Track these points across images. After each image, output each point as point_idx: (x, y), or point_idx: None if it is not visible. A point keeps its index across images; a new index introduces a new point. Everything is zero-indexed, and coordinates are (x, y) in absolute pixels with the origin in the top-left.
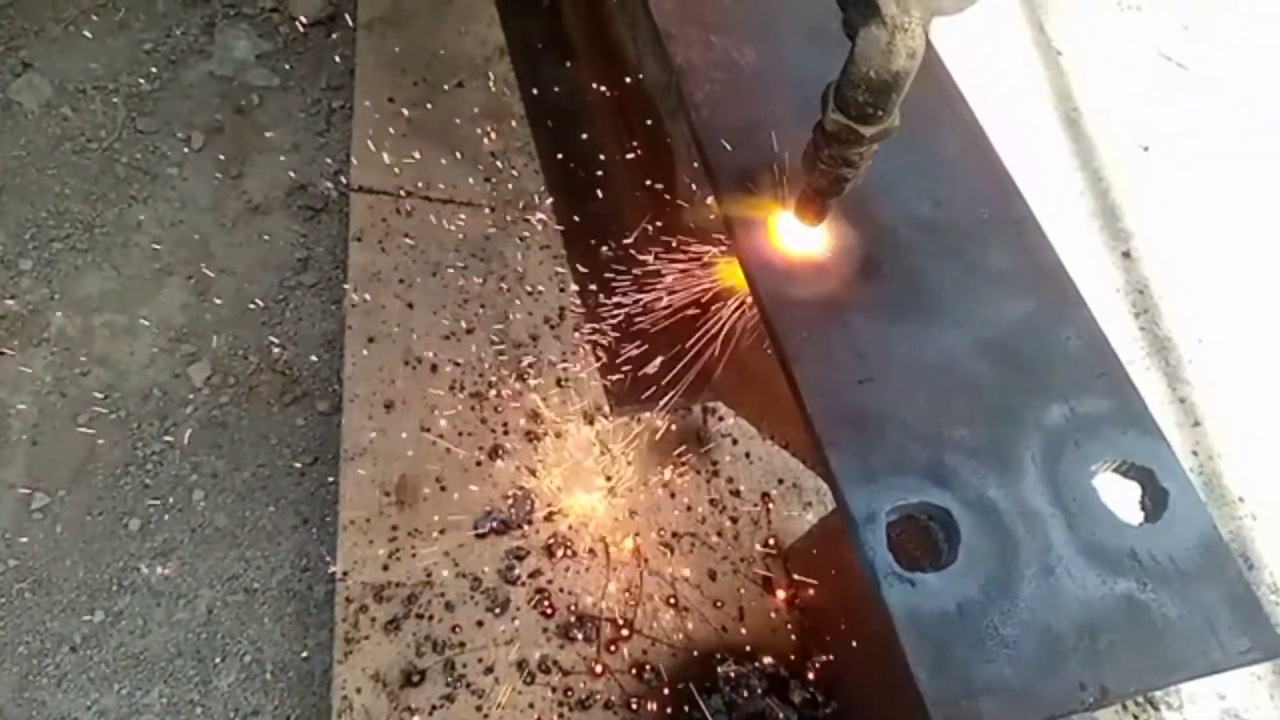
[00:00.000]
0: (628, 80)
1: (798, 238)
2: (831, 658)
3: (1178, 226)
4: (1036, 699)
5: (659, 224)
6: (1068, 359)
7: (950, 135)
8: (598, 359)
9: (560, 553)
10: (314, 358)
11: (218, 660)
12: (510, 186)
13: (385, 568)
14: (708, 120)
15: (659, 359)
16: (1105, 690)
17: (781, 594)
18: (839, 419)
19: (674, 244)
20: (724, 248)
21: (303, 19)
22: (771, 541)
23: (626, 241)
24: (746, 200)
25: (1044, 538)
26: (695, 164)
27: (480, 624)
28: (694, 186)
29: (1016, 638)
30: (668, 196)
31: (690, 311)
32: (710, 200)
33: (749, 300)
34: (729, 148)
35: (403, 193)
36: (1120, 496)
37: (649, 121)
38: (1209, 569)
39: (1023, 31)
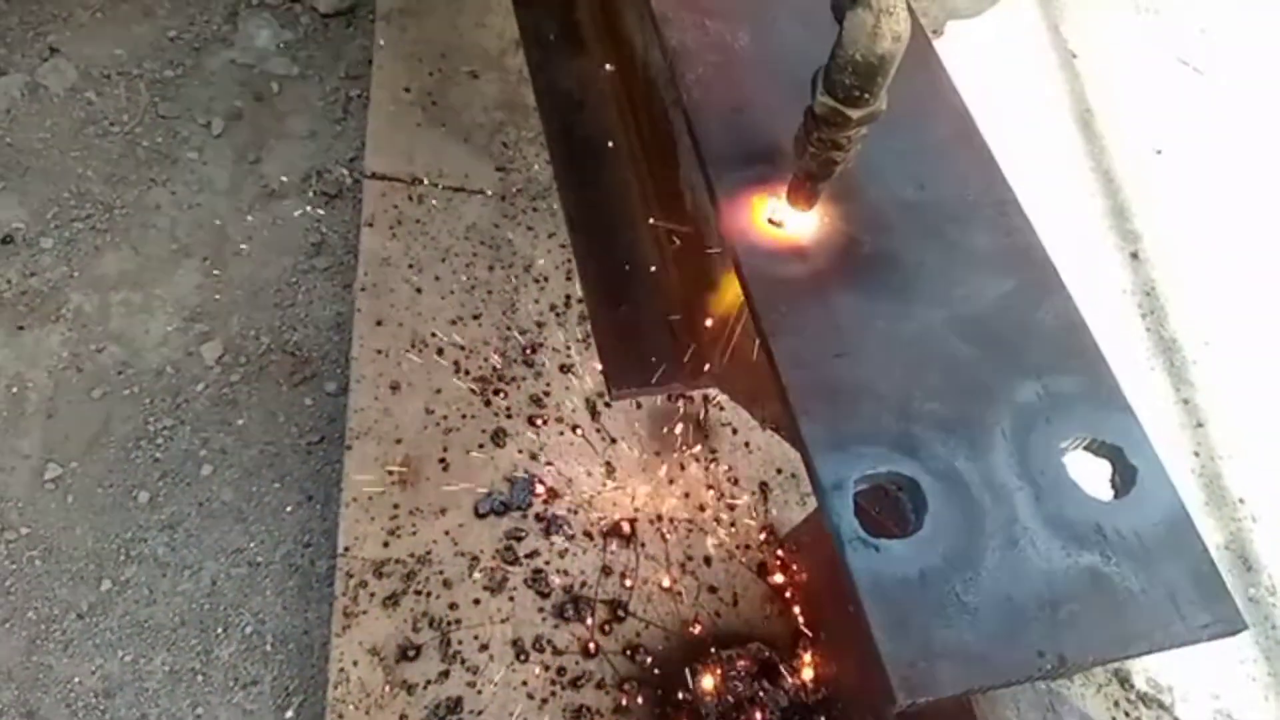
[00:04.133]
0: (636, 71)
1: (782, 217)
2: (822, 643)
3: (1187, 229)
4: (994, 664)
5: (664, 213)
6: (1043, 338)
7: (938, 121)
8: (600, 344)
9: (558, 535)
10: (324, 340)
11: (220, 630)
12: (521, 176)
13: (386, 545)
14: (699, 101)
15: (658, 342)
16: (1063, 659)
17: (778, 580)
18: (813, 391)
19: (675, 229)
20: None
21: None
22: (768, 530)
23: (630, 227)
24: (734, 179)
25: (1010, 510)
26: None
27: (477, 602)
28: (695, 176)
29: (978, 605)
30: (672, 185)
31: (687, 293)
32: (700, 179)
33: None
34: (719, 128)
35: (415, 180)
36: (1095, 476)
37: (656, 111)
38: (1174, 544)
39: (1038, 34)
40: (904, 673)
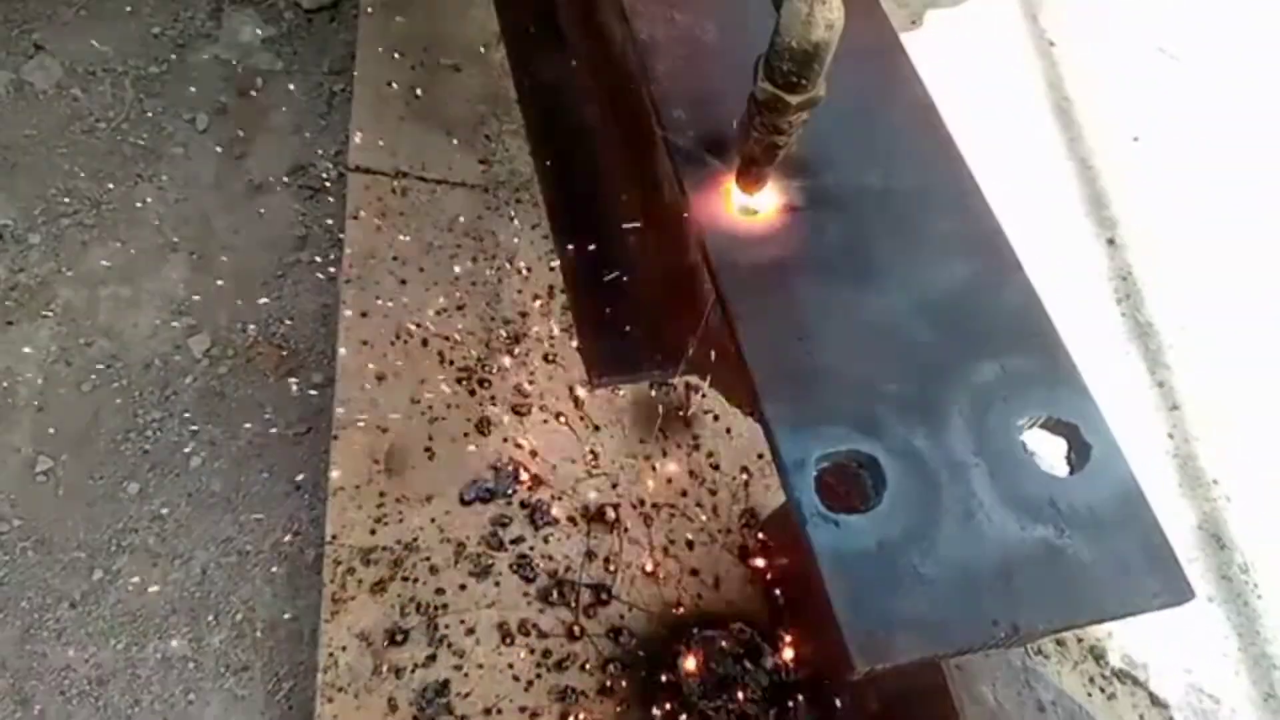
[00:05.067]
0: (614, 64)
1: (748, 205)
2: (802, 623)
3: (1164, 215)
4: (949, 633)
5: (643, 203)
6: (1002, 320)
7: (903, 113)
8: (580, 333)
9: (543, 521)
10: (310, 331)
11: (210, 618)
12: (504, 168)
13: (373, 532)
14: (666, 92)
15: (638, 331)
16: (1016, 627)
17: (760, 562)
18: (777, 373)
19: (653, 219)
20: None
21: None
22: (749, 513)
23: (610, 218)
24: (700, 169)
25: (966, 485)
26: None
27: (463, 587)
28: (665, 166)
29: (934, 576)
30: (650, 175)
31: (666, 282)
32: (669, 169)
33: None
34: (685, 118)
35: (399, 173)
36: (1056, 455)
37: (633, 103)
38: (1126, 517)
39: (1017, 22)
40: (862, 641)
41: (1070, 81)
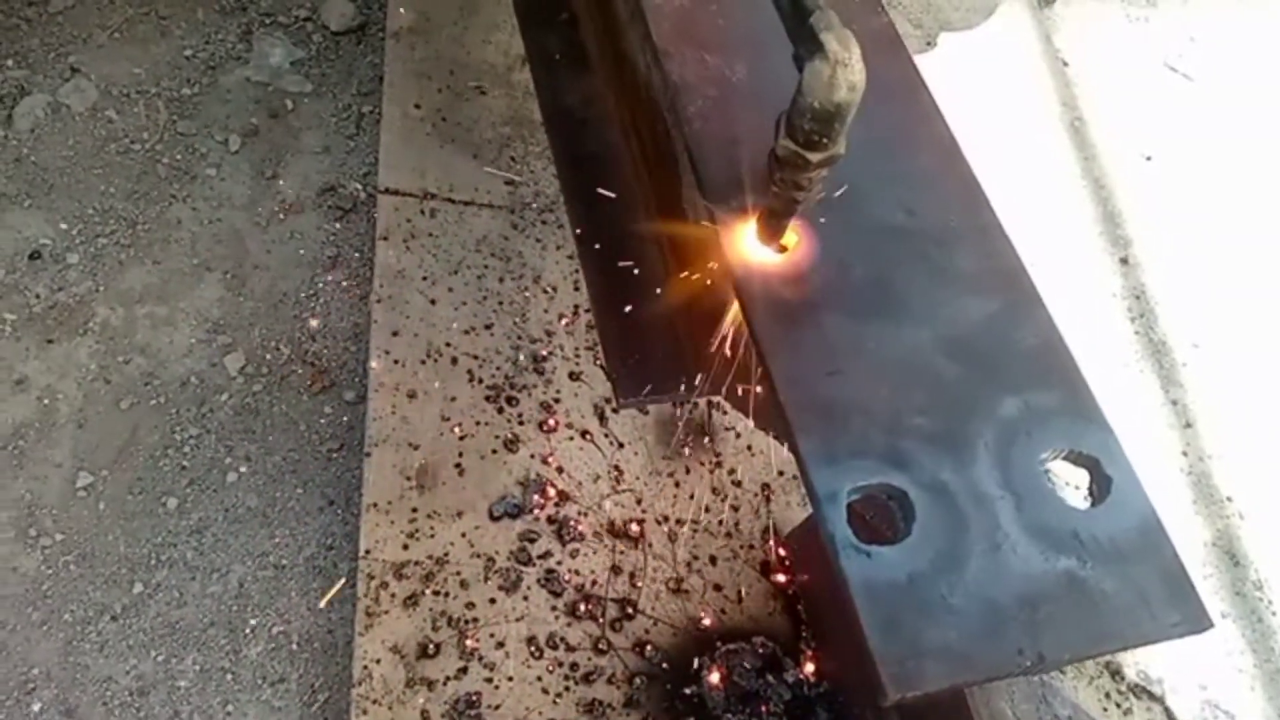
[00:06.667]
0: (639, 90)
1: (779, 243)
2: (823, 638)
3: (1177, 234)
4: (976, 662)
5: (667, 227)
6: (1024, 356)
7: (926, 151)
8: (606, 354)
9: (570, 536)
10: (342, 350)
11: (247, 631)
12: (529, 189)
13: (405, 547)
14: (699, 132)
15: (662, 351)
16: (1041, 656)
17: (780, 578)
18: (808, 407)
19: (678, 243)
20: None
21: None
22: (770, 529)
23: (635, 240)
24: (732, 207)
25: (992, 518)
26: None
27: (493, 601)
28: (696, 200)
29: (962, 607)
30: (673, 201)
31: (691, 305)
32: (701, 207)
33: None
34: (717, 158)
35: (427, 194)
36: (1078, 487)
37: (658, 130)
38: (1146, 549)
39: (1031, 43)
40: (893, 670)
41: (1084, 101)
